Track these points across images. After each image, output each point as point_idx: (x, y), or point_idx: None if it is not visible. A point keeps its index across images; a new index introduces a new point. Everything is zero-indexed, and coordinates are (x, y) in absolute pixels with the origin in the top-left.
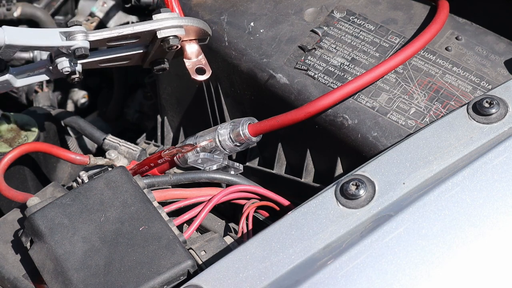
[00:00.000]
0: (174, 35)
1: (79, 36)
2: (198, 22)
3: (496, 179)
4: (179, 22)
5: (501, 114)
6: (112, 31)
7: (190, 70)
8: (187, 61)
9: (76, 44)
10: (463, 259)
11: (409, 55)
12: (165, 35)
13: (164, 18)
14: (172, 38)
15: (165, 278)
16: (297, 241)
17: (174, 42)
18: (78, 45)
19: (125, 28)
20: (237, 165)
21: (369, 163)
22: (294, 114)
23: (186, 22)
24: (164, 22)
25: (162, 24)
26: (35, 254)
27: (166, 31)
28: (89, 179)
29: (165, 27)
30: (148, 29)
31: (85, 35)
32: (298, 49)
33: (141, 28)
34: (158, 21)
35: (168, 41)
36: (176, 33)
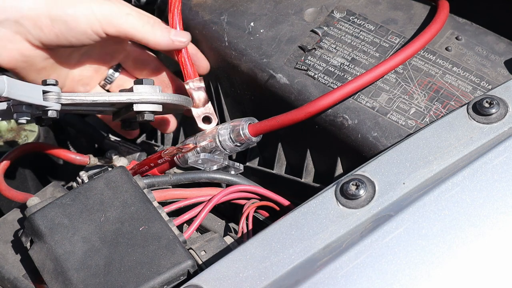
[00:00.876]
0: (150, 111)
1: (52, 99)
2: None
3: (496, 179)
4: (158, 99)
5: (501, 114)
6: (86, 98)
7: (197, 118)
8: (194, 110)
9: (50, 107)
10: (463, 259)
11: (409, 55)
12: (141, 109)
13: (143, 92)
14: (148, 114)
15: (165, 278)
16: (297, 241)
17: (149, 117)
18: (53, 107)
19: (100, 97)
20: (237, 165)
21: (369, 163)
22: (294, 114)
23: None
24: (142, 96)
25: (140, 99)
26: (35, 254)
27: (142, 106)
28: (89, 179)
29: (142, 102)
30: (123, 101)
31: (57, 98)
32: (298, 49)
33: (117, 99)
34: (136, 94)
35: (143, 116)
36: (153, 109)
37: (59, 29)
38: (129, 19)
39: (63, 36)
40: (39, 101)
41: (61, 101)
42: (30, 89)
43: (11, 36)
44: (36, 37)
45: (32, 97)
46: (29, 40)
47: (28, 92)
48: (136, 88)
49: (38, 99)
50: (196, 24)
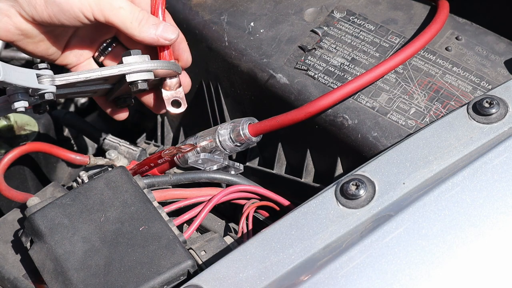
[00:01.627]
0: (143, 79)
1: (46, 81)
2: (168, 65)
3: (496, 179)
4: (148, 67)
5: (501, 114)
6: (79, 76)
7: (166, 101)
8: (165, 91)
9: (44, 89)
10: (463, 259)
11: (409, 55)
12: (134, 79)
13: (133, 62)
14: (141, 82)
15: (165, 278)
16: (297, 241)
17: (142, 86)
18: (48, 89)
19: (93, 73)
20: (237, 165)
21: (369, 163)
22: (294, 114)
23: (155, 66)
24: (133, 66)
25: (131, 69)
26: (35, 254)
27: (135, 75)
28: (89, 179)
29: (134, 71)
30: (116, 73)
31: (51, 80)
32: (298, 49)
33: (109, 73)
34: (127, 65)
35: (136, 85)
36: (145, 77)
37: (52, 10)
38: (120, 13)
39: (56, 17)
40: (34, 84)
41: (55, 82)
42: (24, 73)
43: (6, 9)
44: (30, 14)
45: (27, 80)
46: (23, 16)
47: (23, 76)
48: (125, 60)
49: (33, 82)
50: (196, 24)
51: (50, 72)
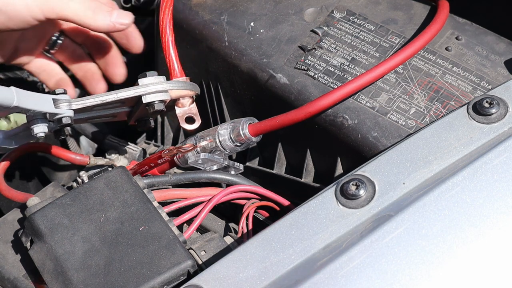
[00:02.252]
0: (159, 100)
1: (64, 106)
2: (185, 85)
3: (496, 179)
4: (164, 87)
5: (501, 114)
6: (95, 99)
7: (180, 118)
8: (178, 109)
9: (61, 114)
10: (463, 259)
11: (409, 55)
12: (150, 100)
13: (149, 84)
14: (157, 103)
15: (165, 278)
16: (297, 241)
17: (159, 107)
18: (65, 114)
19: (109, 96)
20: (237, 165)
21: (369, 163)
22: (294, 114)
23: (172, 86)
24: (149, 87)
25: (146, 90)
26: (35, 254)
27: (151, 96)
28: (89, 179)
29: (150, 92)
30: (131, 95)
31: (68, 105)
32: (298, 49)
33: (125, 95)
34: (143, 87)
35: (153, 106)
36: (162, 98)
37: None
38: (71, 6)
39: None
40: (51, 109)
41: (72, 107)
42: (39, 99)
43: None
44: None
45: (43, 105)
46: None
47: (38, 101)
48: (141, 81)
49: (50, 107)
50: (196, 24)
51: (67, 97)
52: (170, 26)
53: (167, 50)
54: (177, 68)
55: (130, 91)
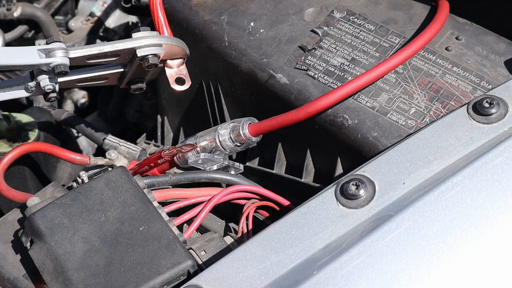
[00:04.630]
0: (153, 54)
1: (59, 53)
2: (177, 42)
3: (496, 179)
4: (158, 41)
5: (501, 114)
6: (92, 48)
7: (170, 79)
8: (168, 69)
9: (55, 61)
10: (463, 259)
11: (409, 55)
12: (145, 53)
13: (144, 37)
14: (152, 57)
15: (165, 278)
16: (297, 241)
17: (153, 60)
18: (58, 62)
19: (105, 46)
20: (237, 165)
21: (369, 163)
22: (294, 114)
23: (165, 41)
24: (144, 40)
25: (142, 42)
26: (35, 254)
27: (145, 50)
28: (89, 179)
29: (145, 45)
30: (128, 47)
31: (65, 52)
32: (298, 49)
33: (121, 46)
34: (138, 39)
35: (147, 60)
36: (156, 51)
37: None
38: None
39: None
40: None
41: (69, 55)
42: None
43: None
44: None
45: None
46: None
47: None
48: (135, 35)
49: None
50: (196, 24)
51: (62, 45)
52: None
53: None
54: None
55: (126, 43)
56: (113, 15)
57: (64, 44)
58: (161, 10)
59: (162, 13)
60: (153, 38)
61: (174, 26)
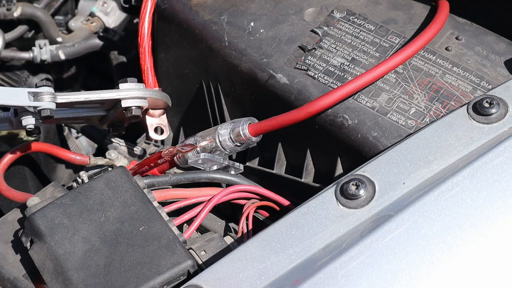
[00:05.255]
0: (137, 106)
1: (47, 98)
2: (161, 95)
3: (496, 179)
4: (144, 94)
5: (501, 114)
6: (79, 96)
7: (150, 127)
8: (149, 118)
9: (42, 105)
10: (463, 259)
11: (409, 55)
12: (129, 105)
13: (129, 89)
14: (135, 109)
15: (165, 278)
16: (297, 241)
17: (136, 112)
18: (45, 106)
19: (92, 95)
20: (237, 165)
21: (369, 163)
22: (294, 114)
23: (150, 94)
24: (129, 92)
25: (127, 95)
26: (35, 254)
27: (130, 101)
28: (89, 179)
29: (130, 97)
30: (113, 97)
31: (52, 97)
32: (298, 49)
33: (107, 96)
34: (124, 91)
35: (131, 111)
36: (140, 104)
37: None
38: None
39: None
40: (26, 102)
41: (56, 100)
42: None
43: None
44: None
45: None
46: None
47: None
48: (122, 86)
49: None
50: (196, 24)
51: (50, 90)
52: (148, 35)
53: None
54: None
55: (112, 93)
56: (113, 15)
57: (52, 89)
58: (149, 58)
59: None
60: (138, 91)
61: (174, 26)
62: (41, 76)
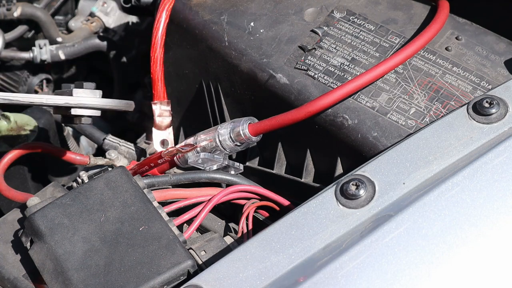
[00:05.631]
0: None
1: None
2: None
3: (496, 179)
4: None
5: (501, 114)
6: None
7: (155, 139)
8: (155, 131)
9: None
10: (463, 259)
11: (409, 54)
12: (79, 113)
13: (81, 97)
14: (85, 118)
15: (165, 278)
16: (297, 241)
17: (86, 121)
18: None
19: (37, 99)
20: (237, 165)
21: (369, 163)
22: (294, 114)
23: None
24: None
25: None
26: (35, 254)
27: (80, 110)
28: (89, 179)
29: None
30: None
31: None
32: (298, 49)
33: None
34: (75, 98)
35: (80, 119)
36: (91, 114)
37: None
38: None
39: None
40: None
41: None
42: None
43: None
44: None
45: None
46: None
47: None
48: (75, 92)
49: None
50: (196, 24)
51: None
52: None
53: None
54: (161, 90)
55: (61, 100)
56: (113, 15)
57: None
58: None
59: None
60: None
61: (174, 26)
62: (41, 76)
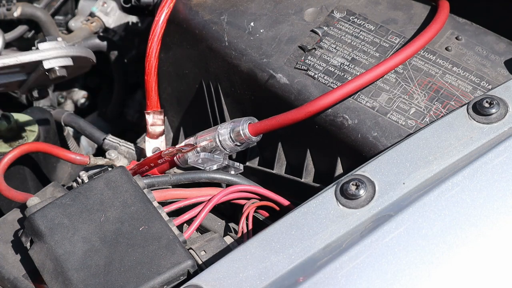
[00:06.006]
0: (61, 66)
1: None
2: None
3: (496, 179)
4: (66, 53)
5: (501, 114)
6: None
7: (148, 148)
8: (148, 139)
9: None
10: (463, 259)
11: (409, 54)
12: (52, 65)
13: (50, 48)
14: (59, 69)
15: (165, 278)
16: (297, 241)
17: (61, 72)
18: None
19: (9, 59)
20: (237, 165)
21: (369, 163)
22: (294, 114)
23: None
24: (51, 52)
25: (49, 55)
26: (35, 254)
27: (53, 61)
28: (89, 179)
29: (51, 57)
30: (33, 59)
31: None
32: (298, 49)
33: (27, 59)
34: (44, 51)
35: (55, 72)
36: (63, 63)
37: None
38: None
39: None
40: None
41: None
42: None
43: None
44: None
45: None
46: None
47: None
48: (41, 46)
49: None
50: (196, 24)
51: None
52: (156, 55)
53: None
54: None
55: (32, 55)
56: (113, 15)
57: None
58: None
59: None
60: (60, 50)
61: (174, 26)
62: None
